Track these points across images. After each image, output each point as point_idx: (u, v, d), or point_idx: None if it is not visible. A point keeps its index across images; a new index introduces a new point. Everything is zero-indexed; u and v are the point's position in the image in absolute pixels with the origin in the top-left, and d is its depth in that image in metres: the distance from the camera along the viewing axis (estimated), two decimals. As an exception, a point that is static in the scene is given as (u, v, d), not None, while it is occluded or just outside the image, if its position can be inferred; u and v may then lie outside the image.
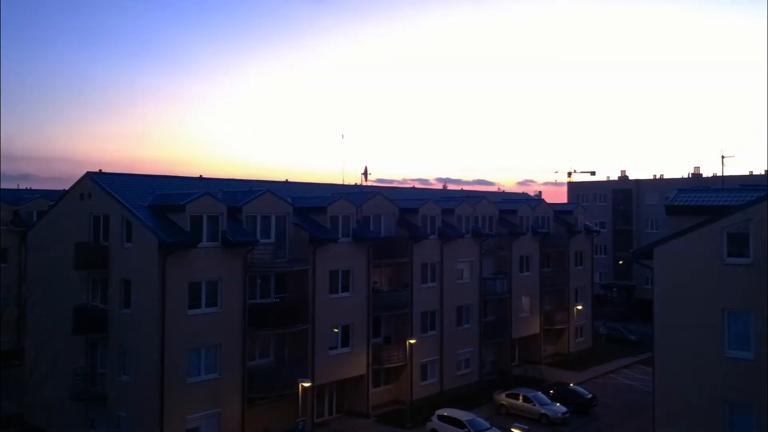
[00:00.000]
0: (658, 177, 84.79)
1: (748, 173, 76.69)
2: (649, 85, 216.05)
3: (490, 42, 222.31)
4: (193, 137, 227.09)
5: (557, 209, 59.86)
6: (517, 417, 40.71)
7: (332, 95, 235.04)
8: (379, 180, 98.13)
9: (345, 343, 39.62)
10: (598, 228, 68.58)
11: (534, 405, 40.95)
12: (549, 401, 41.61)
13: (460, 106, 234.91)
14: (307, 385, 34.95)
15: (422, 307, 44.28)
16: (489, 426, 37.26)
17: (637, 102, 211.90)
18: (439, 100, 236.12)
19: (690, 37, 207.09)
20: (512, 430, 36.20)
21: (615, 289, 79.12)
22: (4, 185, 62.21)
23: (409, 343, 42.18)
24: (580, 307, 58.51)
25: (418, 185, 57.31)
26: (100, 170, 37.32)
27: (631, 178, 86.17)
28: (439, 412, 38.48)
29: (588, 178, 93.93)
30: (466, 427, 36.37)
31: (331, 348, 38.82)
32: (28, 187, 66.64)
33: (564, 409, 40.88)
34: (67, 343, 35.74)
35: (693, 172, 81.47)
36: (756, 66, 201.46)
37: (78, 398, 34.56)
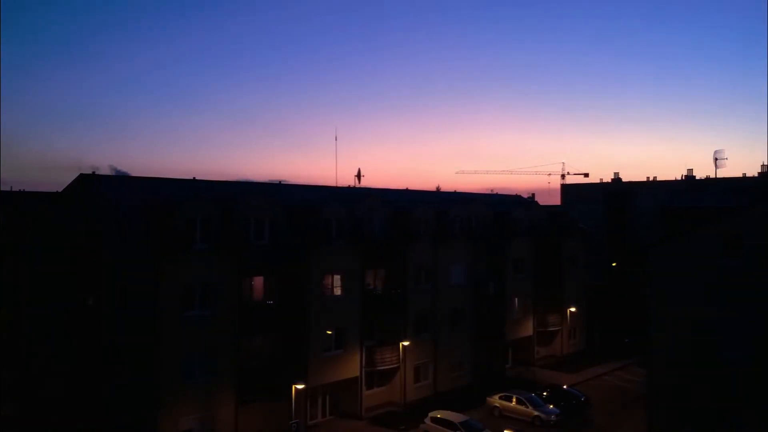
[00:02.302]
0: (651, 179, 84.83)
1: (741, 175, 76.74)
2: (645, 86, 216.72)
3: (484, 41, 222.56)
4: (188, 139, 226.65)
5: (551, 211, 59.86)
6: (511, 419, 40.75)
7: (328, 97, 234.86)
8: (371, 183, 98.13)
9: (338, 345, 39.59)
10: (591, 230, 68.58)
11: (527, 407, 40.97)
12: (542, 403, 41.63)
13: (455, 108, 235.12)
14: (300, 387, 34.94)
15: (416, 309, 44.29)
16: (482, 428, 37.28)
17: (632, 102, 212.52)
18: (434, 103, 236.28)
19: (686, 39, 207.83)
20: (505, 432, 36.23)
21: (609, 291, 79.05)
22: (-3, 187, 61.84)
23: (403, 345, 42.19)
24: (573, 309, 58.57)
25: (411, 187, 57.22)
26: (93, 173, 37.25)
27: (624, 180, 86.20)
28: (433, 414, 38.48)
29: (581, 180, 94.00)
30: (459, 429, 36.38)
31: (325, 350, 38.79)
32: (22, 189, 66.39)
33: (557, 411, 40.90)
34: (63, 344, 35.69)
35: (686, 174, 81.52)
36: (753, 67, 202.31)
37: (74, 400, 34.49)
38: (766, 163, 73.85)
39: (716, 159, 74.89)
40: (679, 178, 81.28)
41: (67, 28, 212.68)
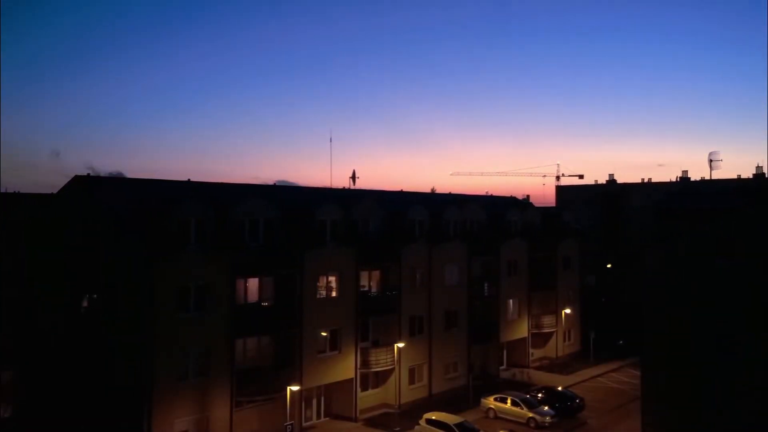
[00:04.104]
0: (646, 180, 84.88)
1: (736, 177, 76.79)
2: (640, 87, 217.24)
3: (479, 42, 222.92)
4: (183, 141, 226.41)
5: (545, 213, 59.85)
6: (506, 420, 40.76)
7: (323, 98, 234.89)
8: (366, 184, 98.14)
9: (333, 347, 39.55)
10: (586, 231, 68.57)
11: (522, 408, 40.97)
12: (537, 405, 41.65)
13: (451, 110, 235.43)
14: (295, 388, 34.88)
15: (410, 310, 44.25)
16: (477, 430, 37.27)
17: (627, 104, 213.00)
18: (429, 105, 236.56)
19: (681, 41, 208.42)
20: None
21: (603, 293, 79.06)
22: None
23: (397, 346, 42.16)
24: (568, 311, 58.58)
25: (406, 189, 57.20)
26: (88, 174, 37.15)
27: (619, 181, 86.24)
28: (427, 415, 38.47)
29: (576, 181, 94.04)
30: (454, 431, 36.33)
31: (320, 351, 38.75)
32: (17, 191, 65.91)
33: (552, 412, 40.91)
34: (60, 345, 35.60)
35: (681, 175, 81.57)
36: (749, 69, 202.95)
37: (71, 400, 34.39)
38: (760, 165, 74.04)
39: (711, 160, 74.82)
40: (674, 179, 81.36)
41: (64, 32, 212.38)
